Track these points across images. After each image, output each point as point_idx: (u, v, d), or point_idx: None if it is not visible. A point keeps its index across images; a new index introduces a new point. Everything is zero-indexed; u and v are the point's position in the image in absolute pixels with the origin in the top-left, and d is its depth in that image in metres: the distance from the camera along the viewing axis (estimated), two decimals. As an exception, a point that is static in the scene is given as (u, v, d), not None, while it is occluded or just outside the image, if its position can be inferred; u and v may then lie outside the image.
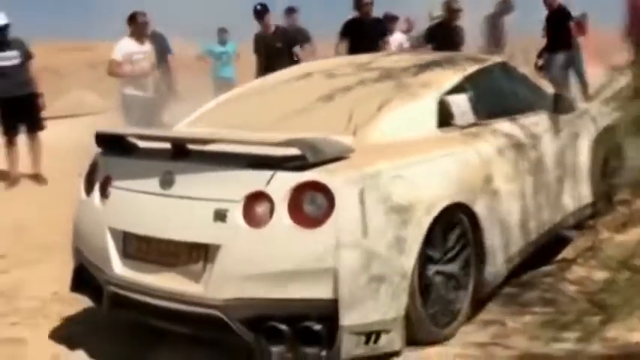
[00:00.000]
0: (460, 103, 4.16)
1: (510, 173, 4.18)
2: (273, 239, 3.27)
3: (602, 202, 5.25)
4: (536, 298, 4.16)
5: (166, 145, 3.70)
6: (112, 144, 3.92)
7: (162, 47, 9.29)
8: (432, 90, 4.13)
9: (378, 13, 9.52)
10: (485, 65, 4.75)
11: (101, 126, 4.20)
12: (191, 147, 3.64)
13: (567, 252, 4.85)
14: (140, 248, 3.61)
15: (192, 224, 3.42)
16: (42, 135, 8.39)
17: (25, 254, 5.75)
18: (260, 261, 3.26)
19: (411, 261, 3.40)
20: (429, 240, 3.50)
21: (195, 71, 13.94)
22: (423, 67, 4.46)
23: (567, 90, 8.75)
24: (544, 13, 10.12)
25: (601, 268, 4.32)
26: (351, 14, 9.06)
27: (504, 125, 4.38)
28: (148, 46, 8.32)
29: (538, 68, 9.80)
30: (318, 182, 3.26)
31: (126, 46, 8.12)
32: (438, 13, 10.12)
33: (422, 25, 11.77)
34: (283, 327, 3.24)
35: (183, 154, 3.62)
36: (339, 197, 3.23)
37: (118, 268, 3.66)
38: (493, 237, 3.92)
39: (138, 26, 8.24)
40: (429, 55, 5.24)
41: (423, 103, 4.04)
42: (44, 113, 8.49)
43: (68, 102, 16.62)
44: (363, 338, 3.31)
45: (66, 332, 4.24)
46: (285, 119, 3.93)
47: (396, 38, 10.78)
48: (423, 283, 3.51)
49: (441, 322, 3.65)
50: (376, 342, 3.35)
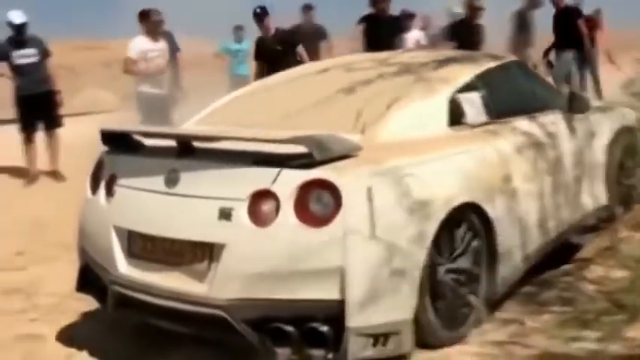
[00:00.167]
0: (472, 102, 4.09)
1: (525, 173, 4.10)
2: (279, 238, 3.21)
3: (619, 203, 5.16)
4: (554, 297, 4.11)
5: (172, 142, 3.66)
6: (117, 142, 3.89)
7: (170, 45, 9.28)
8: (443, 88, 4.06)
9: (395, 10, 9.47)
10: (497, 63, 4.67)
11: (116, 124, 4.18)
12: (196, 145, 3.59)
13: (586, 251, 4.77)
14: (145, 247, 3.57)
15: (197, 223, 3.37)
16: (59, 132, 8.43)
17: (42, 251, 5.80)
18: (265, 260, 3.21)
19: (421, 261, 3.33)
20: (438, 240, 3.43)
21: (211, 69, 14.00)
22: (435, 65, 4.39)
23: (574, 88, 8.65)
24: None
25: (620, 267, 4.28)
26: (367, 11, 8.99)
27: (517, 124, 4.30)
28: (162, 44, 8.30)
29: (547, 65, 9.75)
30: (325, 180, 3.20)
31: (140, 44, 8.10)
32: (458, 10, 10.00)
33: (438, 22, 11.68)
34: (289, 328, 3.19)
35: (188, 151, 3.58)
36: (347, 195, 3.17)
37: (123, 267, 3.62)
38: (505, 236, 3.85)
39: (152, 24, 8.22)
40: (441, 52, 5.15)
41: (433, 101, 3.97)
42: (61, 110, 8.53)
43: (83, 100, 16.77)
44: (371, 340, 3.24)
45: (84, 328, 4.26)
46: (293, 117, 3.89)
47: (414, 35, 10.71)
48: (432, 284, 3.44)
49: (451, 324, 3.57)
50: (384, 344, 3.28)
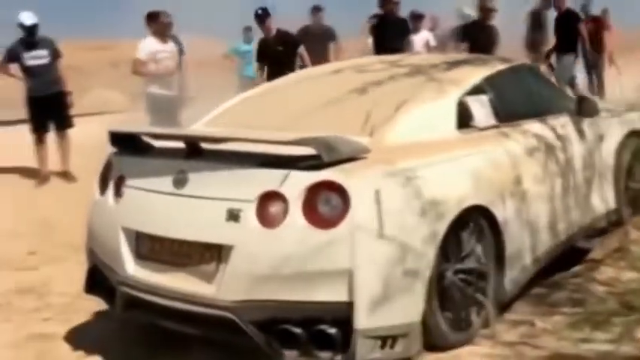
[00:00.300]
0: (480, 105, 4.08)
1: (533, 176, 4.09)
2: (287, 240, 3.20)
3: (628, 208, 5.14)
4: (565, 298, 4.10)
5: (180, 144, 3.66)
6: (125, 143, 3.89)
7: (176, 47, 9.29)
8: (452, 91, 4.05)
9: (403, 11, 9.45)
10: (506, 66, 4.65)
11: (124, 124, 4.17)
12: (205, 146, 3.59)
13: (596, 253, 4.76)
14: (153, 248, 3.57)
15: (206, 224, 3.36)
16: (69, 133, 8.43)
17: (53, 251, 5.83)
18: (273, 262, 3.20)
19: (429, 263, 3.32)
20: (446, 242, 3.42)
21: (220, 70, 14.01)
22: (444, 67, 4.39)
23: (578, 91, 8.60)
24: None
25: (630, 268, 4.30)
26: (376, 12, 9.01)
27: (526, 127, 4.29)
28: (171, 45, 8.31)
29: (548, 68, 9.72)
30: (334, 182, 3.19)
31: (149, 45, 8.11)
32: (468, 11, 9.95)
33: (446, 23, 11.63)
34: (297, 330, 3.18)
35: (196, 153, 3.58)
36: (355, 197, 3.16)
37: (131, 268, 3.62)
38: (513, 239, 3.83)
39: (161, 26, 8.23)
40: (450, 55, 5.14)
41: (442, 104, 3.96)
42: (71, 111, 8.54)
43: (91, 100, 16.80)
44: (379, 342, 3.23)
45: (96, 328, 4.28)
46: (302, 119, 3.89)
47: (423, 36, 10.67)
48: (440, 287, 3.43)
49: (459, 325, 3.56)
50: (392, 347, 3.26)
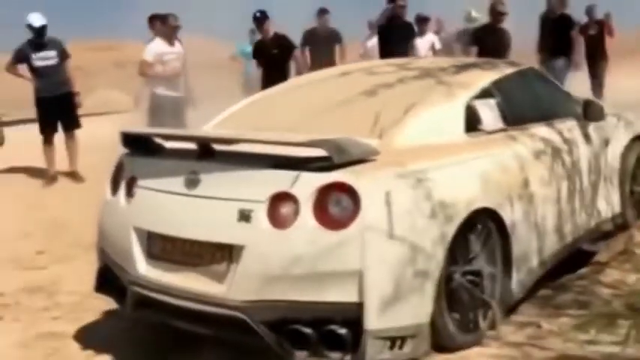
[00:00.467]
0: (488, 108, 4.10)
1: (540, 179, 4.11)
2: (298, 241, 3.22)
3: (633, 211, 5.16)
4: (570, 300, 4.11)
5: (192, 145, 3.69)
6: (137, 144, 3.91)
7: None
8: (460, 94, 4.07)
9: (409, 14, 9.46)
10: (514, 70, 4.68)
11: (129, 124, 4.18)
12: (216, 147, 3.62)
13: (601, 255, 4.78)
14: (165, 248, 3.59)
15: (217, 224, 3.39)
16: (77, 133, 8.50)
17: (62, 251, 5.88)
18: (284, 262, 3.22)
19: (438, 265, 3.34)
20: (455, 244, 3.44)
21: (227, 71, 14.04)
22: (452, 71, 4.41)
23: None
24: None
25: (635, 271, 4.31)
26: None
27: (533, 131, 4.31)
28: (178, 47, 8.36)
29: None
30: (344, 183, 3.21)
31: (157, 47, 8.16)
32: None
33: (451, 26, 11.65)
34: (307, 330, 3.20)
35: (208, 154, 3.60)
36: (365, 199, 3.18)
37: (142, 268, 3.64)
38: (520, 241, 3.86)
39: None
40: (459, 59, 5.16)
41: (450, 108, 3.98)
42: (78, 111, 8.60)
43: (95, 100, 16.90)
44: (388, 343, 3.25)
45: (106, 327, 4.31)
46: (311, 121, 3.91)
47: (428, 39, 10.69)
48: (448, 288, 3.45)
49: (466, 327, 3.58)
50: (401, 348, 3.28)
